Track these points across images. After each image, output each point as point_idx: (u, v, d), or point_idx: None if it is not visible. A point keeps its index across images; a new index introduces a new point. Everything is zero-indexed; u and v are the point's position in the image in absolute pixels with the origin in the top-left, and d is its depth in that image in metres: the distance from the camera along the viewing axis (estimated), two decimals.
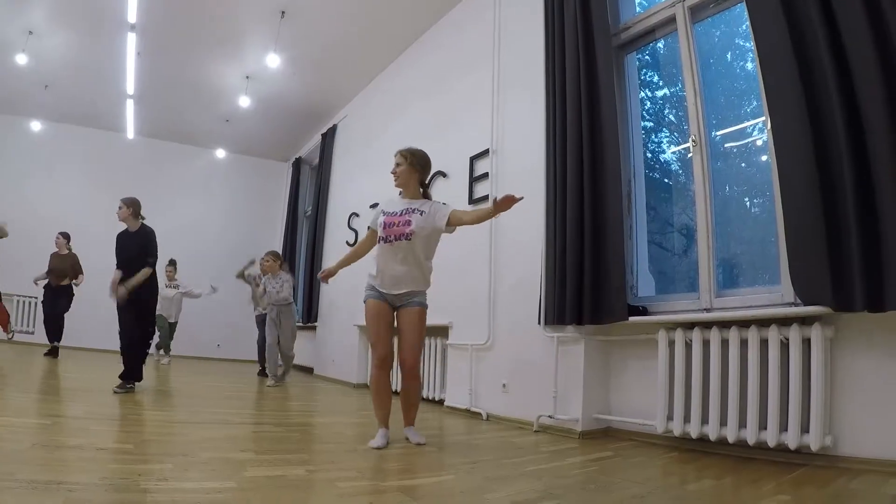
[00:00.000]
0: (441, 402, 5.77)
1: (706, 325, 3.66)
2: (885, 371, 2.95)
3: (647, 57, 5.12)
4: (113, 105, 10.26)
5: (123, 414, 4.04)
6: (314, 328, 9.63)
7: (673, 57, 4.61)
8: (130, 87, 9.32)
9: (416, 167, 3.77)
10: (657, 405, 3.84)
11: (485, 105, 5.78)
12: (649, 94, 5.26)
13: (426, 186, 3.92)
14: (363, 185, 8.52)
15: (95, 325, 9.16)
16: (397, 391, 4.04)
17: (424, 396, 5.99)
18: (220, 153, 12.69)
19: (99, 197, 11.00)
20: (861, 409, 3.03)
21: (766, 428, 3.26)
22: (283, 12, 7.12)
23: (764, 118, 3.57)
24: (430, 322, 3.86)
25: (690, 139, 4.04)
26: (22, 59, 7.97)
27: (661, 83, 5.19)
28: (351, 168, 9.26)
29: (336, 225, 9.46)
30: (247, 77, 9.00)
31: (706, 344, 3.62)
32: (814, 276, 3.02)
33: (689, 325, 3.76)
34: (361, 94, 9.32)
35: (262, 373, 8.52)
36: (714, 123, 4.21)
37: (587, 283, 4.23)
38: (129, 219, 5.48)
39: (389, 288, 3.67)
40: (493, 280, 5.27)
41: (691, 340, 3.68)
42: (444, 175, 6.29)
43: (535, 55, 5.13)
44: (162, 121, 11.14)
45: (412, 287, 3.67)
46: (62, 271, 8.55)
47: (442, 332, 5.94)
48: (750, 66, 4.08)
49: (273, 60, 7.76)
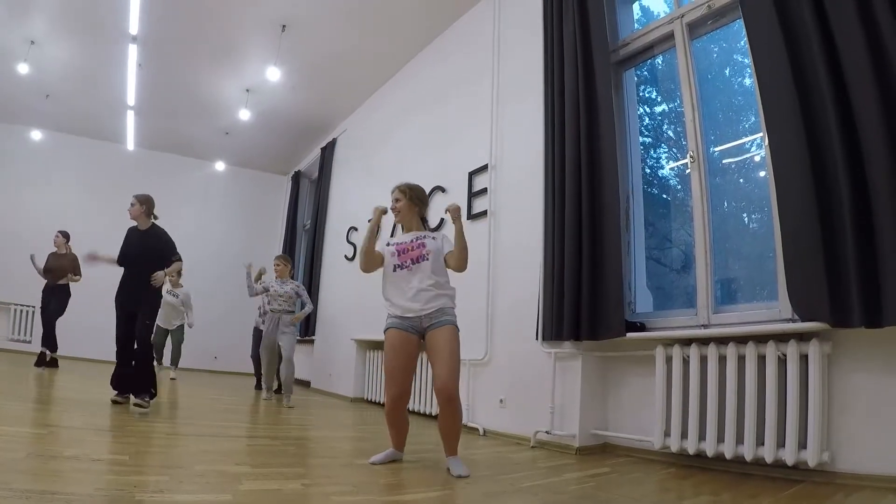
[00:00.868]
0: (437, 418, 5.74)
1: (704, 342, 3.66)
2: (883, 387, 2.95)
3: (645, 73, 5.15)
4: (113, 116, 10.31)
5: (119, 425, 4.02)
6: (312, 342, 9.61)
7: (671, 73, 4.64)
8: (131, 99, 9.36)
9: (416, 202, 3.76)
10: (655, 421, 3.83)
11: (484, 120, 5.81)
12: (648, 109, 5.29)
13: (425, 221, 3.90)
14: (362, 199, 8.53)
15: (91, 334, 9.14)
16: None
17: (420, 411, 5.96)
18: (220, 166, 12.72)
19: (98, 208, 11.04)
20: (859, 424, 3.03)
21: (763, 444, 3.25)
22: (283, 26, 7.17)
23: (762, 134, 3.60)
24: None
25: (688, 155, 4.06)
26: (23, 69, 8.00)
27: (660, 99, 5.22)
28: (350, 182, 9.29)
29: (335, 238, 9.47)
30: (247, 90, 9.04)
31: (703, 360, 3.61)
32: (811, 292, 3.02)
33: (686, 342, 3.76)
34: (361, 108, 9.37)
35: (259, 386, 8.48)
36: (712, 139, 4.23)
37: (585, 298, 4.23)
38: (141, 217, 5.27)
39: (419, 309, 3.45)
40: (491, 295, 5.27)
41: (689, 356, 3.68)
42: (442, 190, 6.31)
43: (534, 71, 5.16)
44: (162, 132, 11.18)
45: (441, 304, 3.47)
46: (60, 270, 8.34)
47: None
48: (748, 81, 4.11)
49: (273, 74, 7.80)
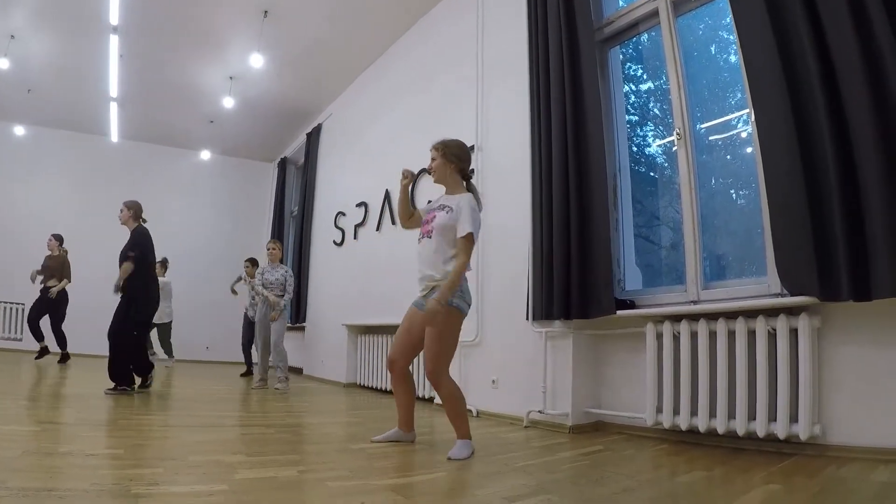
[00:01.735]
0: (431, 400, 5.77)
1: (694, 318, 3.68)
2: (872, 359, 2.98)
3: (630, 51, 5.13)
4: (96, 108, 10.20)
5: (113, 419, 4.01)
6: (303, 329, 9.62)
7: (656, 50, 4.63)
8: (113, 90, 9.26)
9: (451, 158, 3.59)
10: (646, 398, 3.86)
11: (469, 102, 5.79)
12: (633, 87, 5.28)
13: (469, 178, 3.71)
14: (349, 183, 8.53)
15: (84, 329, 9.10)
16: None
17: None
18: (205, 155, 12.64)
19: (84, 201, 10.99)
20: (849, 397, 3.06)
21: (755, 418, 3.28)
22: (265, 12, 7.10)
23: (748, 110, 3.60)
24: None
25: (675, 132, 4.06)
26: (4, 64, 7.90)
27: (645, 77, 5.21)
28: (336, 167, 9.25)
29: (323, 224, 9.45)
30: (230, 78, 8.96)
31: (694, 336, 3.64)
32: (800, 266, 3.04)
33: (676, 318, 3.78)
34: (345, 92, 9.31)
35: (248, 374, 8.72)
36: (698, 116, 4.23)
37: (574, 277, 4.24)
38: (130, 221, 5.53)
39: (422, 287, 3.48)
40: (481, 277, 5.26)
41: (679, 333, 3.71)
42: (428, 172, 6.27)
43: (518, 51, 5.13)
44: (146, 123, 11.07)
45: (432, 283, 3.41)
46: (50, 271, 8.40)
47: None
48: (733, 58, 4.10)
49: (256, 60, 7.73)
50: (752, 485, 2.59)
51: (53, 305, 8.33)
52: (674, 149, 4.10)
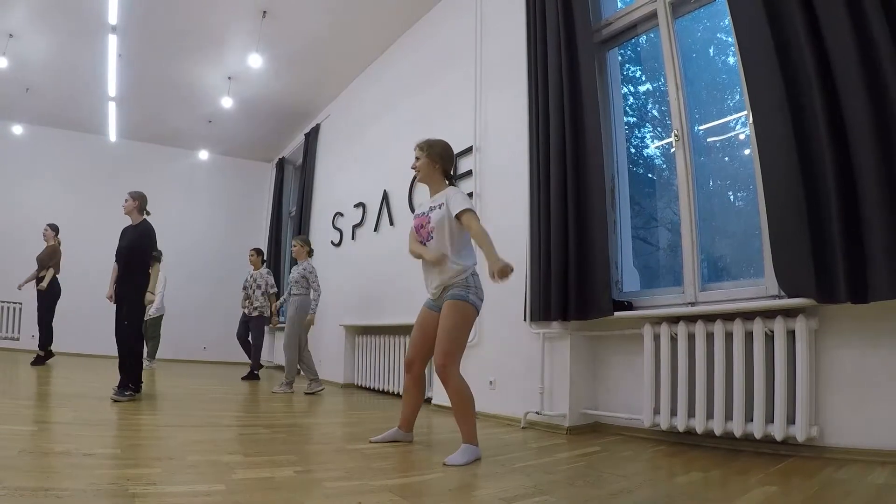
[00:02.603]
0: (428, 401, 5.77)
1: (691, 319, 3.68)
2: (869, 361, 2.99)
3: (629, 52, 5.14)
4: (95, 108, 10.17)
5: (111, 419, 4.01)
6: None
7: (655, 52, 4.63)
8: (112, 90, 9.24)
9: (436, 158, 3.60)
10: (644, 399, 3.87)
11: (467, 102, 5.79)
12: (632, 89, 5.29)
13: (452, 178, 3.74)
14: (347, 184, 8.52)
15: (80, 328, 9.10)
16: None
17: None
18: (204, 154, 12.61)
19: (82, 200, 10.98)
20: (846, 399, 3.07)
21: (752, 420, 3.29)
22: (264, 12, 7.09)
23: (746, 112, 3.60)
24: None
25: (673, 134, 4.06)
26: (2, 63, 7.86)
27: (644, 78, 5.22)
28: (335, 167, 9.25)
29: (321, 224, 9.45)
30: (229, 78, 8.96)
31: (691, 338, 3.65)
32: (797, 268, 3.04)
33: (674, 320, 3.79)
34: (344, 92, 9.31)
35: (250, 377, 8.17)
36: (697, 118, 4.24)
37: (572, 278, 4.24)
38: (134, 212, 5.41)
39: (430, 290, 3.54)
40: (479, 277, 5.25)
41: (676, 334, 3.71)
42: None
43: (517, 52, 5.14)
44: (144, 123, 11.05)
45: (445, 280, 3.46)
46: (41, 263, 8.18)
47: None
48: (732, 60, 4.11)
49: (255, 61, 7.72)
50: (749, 486, 2.60)
51: (42, 297, 8.06)
52: (672, 150, 4.11)
